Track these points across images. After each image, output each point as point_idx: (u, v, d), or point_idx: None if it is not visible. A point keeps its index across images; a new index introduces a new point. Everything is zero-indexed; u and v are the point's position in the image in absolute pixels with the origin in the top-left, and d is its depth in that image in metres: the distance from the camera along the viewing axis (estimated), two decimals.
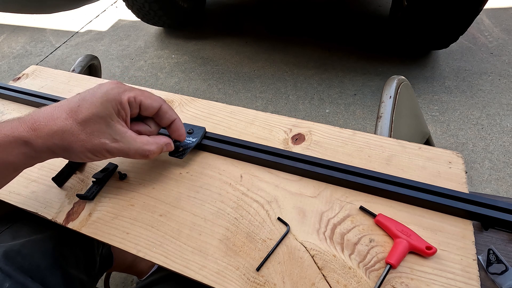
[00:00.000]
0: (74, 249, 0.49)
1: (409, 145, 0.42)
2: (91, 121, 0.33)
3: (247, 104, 1.52)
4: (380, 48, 1.69)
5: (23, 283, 0.38)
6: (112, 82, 0.36)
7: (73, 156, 0.34)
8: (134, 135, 0.36)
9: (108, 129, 0.34)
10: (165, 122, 0.40)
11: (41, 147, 0.32)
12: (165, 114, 0.39)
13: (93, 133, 0.33)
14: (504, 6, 1.89)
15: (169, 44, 1.96)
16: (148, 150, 0.37)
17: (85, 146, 0.33)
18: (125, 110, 0.36)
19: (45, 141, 0.32)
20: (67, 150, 0.33)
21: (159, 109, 0.38)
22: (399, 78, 0.60)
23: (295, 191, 0.39)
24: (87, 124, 0.33)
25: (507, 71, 1.51)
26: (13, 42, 2.19)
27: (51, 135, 0.32)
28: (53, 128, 0.32)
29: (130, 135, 0.36)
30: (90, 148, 0.33)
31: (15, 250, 0.41)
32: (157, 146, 0.38)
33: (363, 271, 0.32)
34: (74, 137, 0.32)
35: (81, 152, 0.33)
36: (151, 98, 0.38)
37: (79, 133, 0.33)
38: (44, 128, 0.32)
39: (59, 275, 0.43)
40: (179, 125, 0.41)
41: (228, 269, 0.34)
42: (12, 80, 0.62)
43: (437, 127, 1.32)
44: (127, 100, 0.35)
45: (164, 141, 0.39)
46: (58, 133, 0.32)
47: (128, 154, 0.36)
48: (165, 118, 0.39)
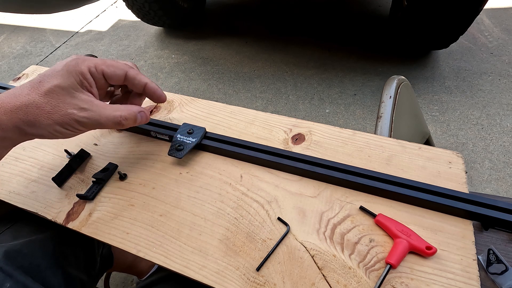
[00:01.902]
0: (74, 249, 0.49)
1: (409, 145, 0.42)
2: (54, 93, 0.33)
3: (247, 104, 1.52)
4: (380, 48, 1.69)
5: (24, 283, 0.38)
6: (72, 56, 0.36)
7: (41, 131, 0.33)
8: (102, 103, 0.36)
9: (73, 100, 0.34)
10: (137, 88, 0.39)
11: (7, 125, 0.32)
12: (133, 80, 0.38)
13: (58, 105, 0.33)
14: (504, 6, 1.89)
15: (169, 44, 1.96)
16: (119, 115, 0.36)
17: (51, 118, 0.33)
18: (88, 80, 0.35)
19: (9, 117, 0.32)
20: (33, 125, 0.32)
21: (126, 76, 0.38)
22: (399, 78, 0.60)
23: (295, 191, 0.39)
24: (51, 95, 0.32)
25: (507, 71, 1.51)
26: (13, 42, 2.19)
27: (14, 110, 0.32)
28: (16, 104, 0.32)
29: (99, 103, 0.35)
30: (58, 119, 0.33)
31: (15, 250, 0.41)
32: (129, 112, 0.37)
33: (363, 271, 0.32)
34: (39, 110, 0.32)
35: (48, 125, 0.33)
36: (114, 66, 0.37)
37: (44, 105, 0.32)
38: (7, 105, 0.32)
39: (60, 275, 0.43)
40: (153, 87, 0.40)
41: (228, 269, 0.34)
42: (12, 80, 0.62)
43: (437, 127, 1.32)
44: (87, 70, 0.35)
45: (137, 109, 0.38)
46: (21, 108, 0.32)
47: (100, 122, 0.35)
48: (136, 84, 0.39)
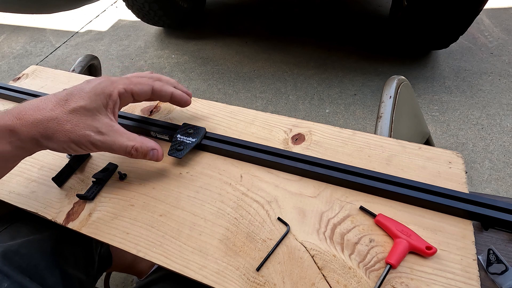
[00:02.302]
0: (73, 249, 0.49)
1: (409, 145, 0.42)
2: (78, 113, 0.33)
3: (247, 104, 1.52)
4: (380, 48, 1.69)
5: (21, 283, 0.38)
6: (100, 78, 0.36)
7: (56, 145, 0.34)
8: (121, 129, 0.36)
9: (94, 122, 0.34)
10: (164, 99, 0.40)
11: (26, 136, 0.32)
12: (160, 93, 0.39)
13: (79, 125, 0.33)
14: (504, 6, 1.89)
15: (169, 44, 1.96)
16: (132, 146, 0.36)
17: (69, 136, 0.33)
18: (114, 102, 0.36)
19: (29, 129, 0.32)
20: (50, 139, 0.33)
21: (153, 91, 0.38)
22: (399, 78, 0.60)
23: (295, 191, 0.39)
24: (74, 115, 0.33)
25: (507, 71, 1.51)
26: (13, 42, 2.19)
27: (35, 124, 0.32)
28: (38, 117, 0.32)
29: (118, 129, 0.36)
30: (74, 139, 0.33)
31: (13, 250, 0.41)
32: (142, 145, 0.37)
33: (363, 271, 0.32)
34: (59, 126, 0.32)
35: (64, 142, 0.33)
36: (141, 84, 0.37)
37: (65, 123, 0.33)
38: (29, 117, 0.32)
39: (58, 275, 0.43)
40: (179, 94, 0.40)
41: (228, 269, 0.34)
42: (12, 80, 0.62)
43: (437, 127, 1.32)
44: (117, 94, 0.35)
45: (151, 145, 0.38)
46: (43, 122, 0.32)
47: (112, 148, 0.36)
48: (162, 96, 0.39)
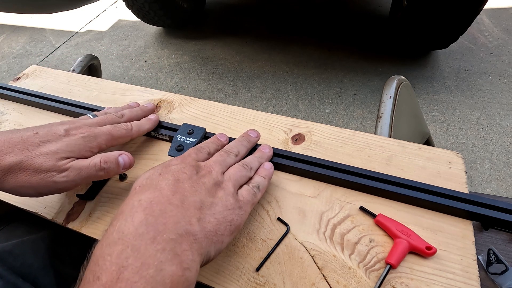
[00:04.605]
0: (69, 248, 0.49)
1: (409, 145, 0.42)
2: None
3: (247, 104, 1.52)
4: (380, 48, 1.69)
5: (14, 283, 0.38)
6: None
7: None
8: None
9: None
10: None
11: None
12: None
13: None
14: (504, 6, 1.89)
15: (169, 44, 1.96)
16: (99, 159, 0.36)
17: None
18: None
19: None
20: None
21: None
22: (399, 78, 0.60)
23: (295, 191, 0.39)
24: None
25: (507, 71, 1.51)
26: (13, 42, 2.19)
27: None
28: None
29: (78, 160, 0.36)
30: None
31: (7, 251, 0.41)
32: (107, 154, 0.37)
33: (363, 271, 0.32)
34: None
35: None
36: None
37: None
38: None
39: (52, 275, 0.43)
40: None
41: (228, 269, 0.34)
42: (12, 80, 0.62)
43: (437, 127, 1.32)
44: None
45: (117, 153, 0.37)
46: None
47: (81, 175, 0.35)
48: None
